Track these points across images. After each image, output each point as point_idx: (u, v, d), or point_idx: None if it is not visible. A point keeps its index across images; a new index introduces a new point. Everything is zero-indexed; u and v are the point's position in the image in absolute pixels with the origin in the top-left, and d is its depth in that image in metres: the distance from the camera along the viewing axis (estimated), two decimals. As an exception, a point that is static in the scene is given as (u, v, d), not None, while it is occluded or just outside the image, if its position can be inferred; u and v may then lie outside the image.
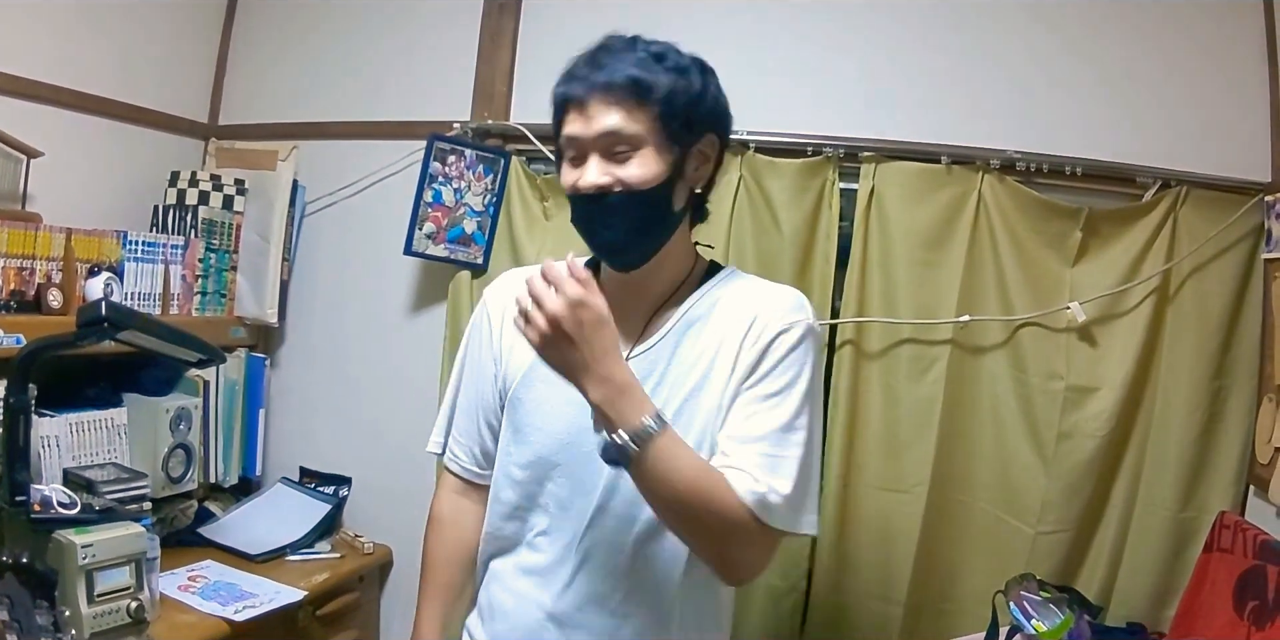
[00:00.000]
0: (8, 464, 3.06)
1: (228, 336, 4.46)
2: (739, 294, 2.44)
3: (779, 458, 2.18)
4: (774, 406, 2.22)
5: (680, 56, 2.40)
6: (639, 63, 2.31)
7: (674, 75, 2.30)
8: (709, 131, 2.37)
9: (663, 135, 2.27)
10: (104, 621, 2.93)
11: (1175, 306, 3.96)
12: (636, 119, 2.25)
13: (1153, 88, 4.04)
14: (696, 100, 2.32)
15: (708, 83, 2.38)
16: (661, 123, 2.26)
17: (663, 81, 2.27)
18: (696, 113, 2.32)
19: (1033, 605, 3.54)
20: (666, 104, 2.26)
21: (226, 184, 4.50)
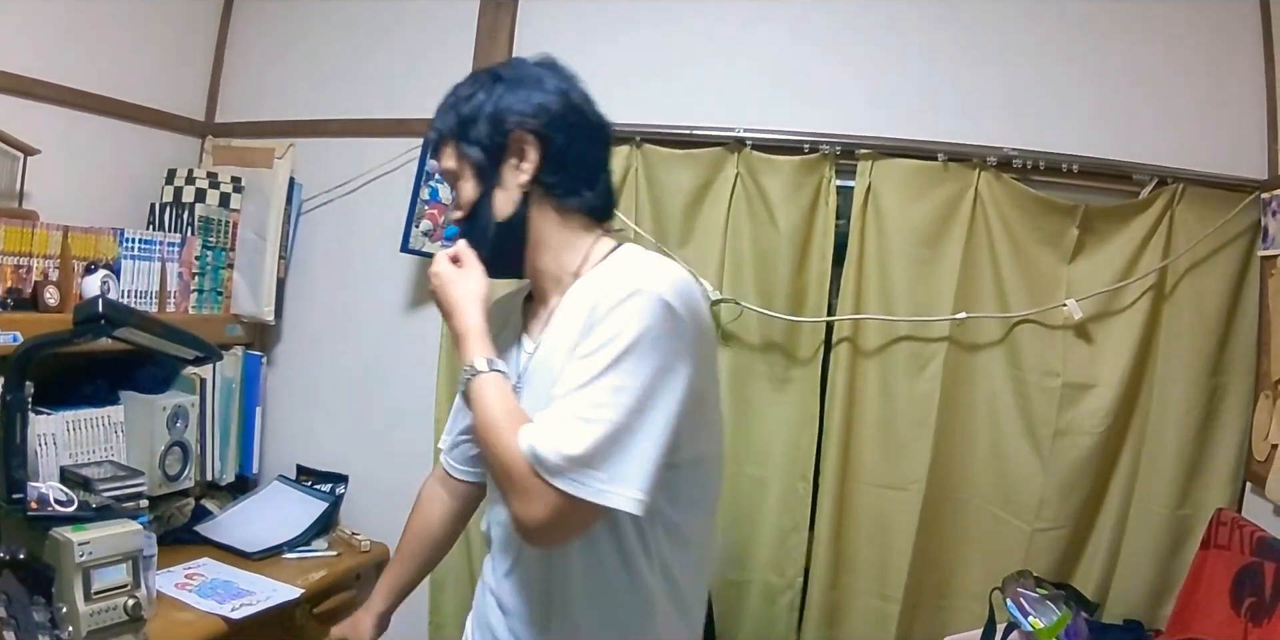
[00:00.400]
0: (4, 461, 3.05)
1: (224, 334, 4.46)
2: (605, 278, 2.36)
3: (577, 416, 2.13)
4: (584, 366, 2.17)
5: (473, 82, 2.54)
6: (440, 112, 2.54)
7: (458, 107, 2.49)
8: (512, 131, 2.43)
9: (467, 160, 2.46)
10: (101, 619, 2.92)
11: (1172, 304, 3.97)
12: (449, 157, 2.50)
13: (1149, 85, 4.05)
14: (474, 117, 2.45)
15: (490, 92, 2.48)
16: (460, 152, 2.47)
17: (449, 120, 2.49)
18: (482, 127, 2.44)
19: (1030, 602, 3.55)
20: (457, 137, 2.47)
21: (223, 182, 4.50)
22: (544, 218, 2.48)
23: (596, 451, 2.10)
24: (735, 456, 4.17)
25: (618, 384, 2.13)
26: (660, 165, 4.20)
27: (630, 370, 2.13)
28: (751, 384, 4.24)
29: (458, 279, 2.45)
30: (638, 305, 2.15)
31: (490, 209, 2.46)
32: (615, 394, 2.12)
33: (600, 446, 2.10)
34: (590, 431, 2.10)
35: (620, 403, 2.12)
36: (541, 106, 2.43)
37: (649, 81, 4.25)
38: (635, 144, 4.18)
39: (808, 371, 4.20)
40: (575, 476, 2.09)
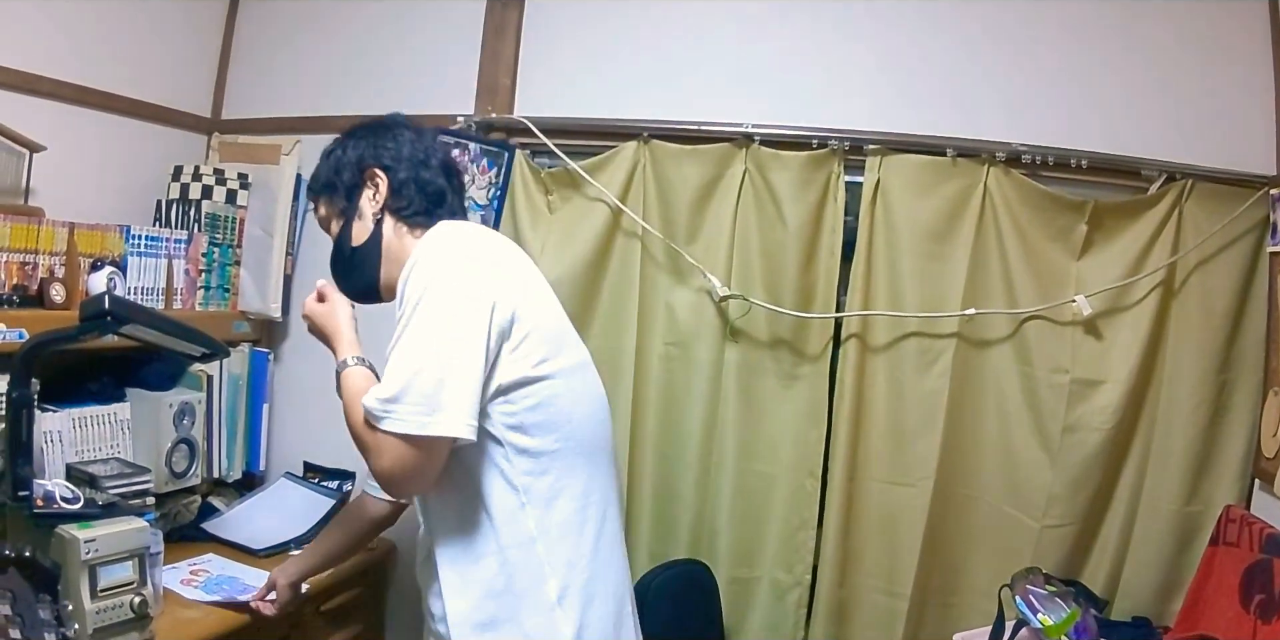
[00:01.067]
0: (10, 459, 3.05)
1: (231, 331, 4.45)
2: None
3: (390, 371, 2.47)
4: (395, 335, 2.52)
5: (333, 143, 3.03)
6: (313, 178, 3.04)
7: (323, 166, 2.99)
8: (364, 170, 2.88)
9: (333, 204, 2.94)
10: (107, 616, 2.92)
11: (1180, 300, 3.96)
12: (321, 207, 3.00)
13: (1159, 81, 4.04)
14: (336, 168, 2.93)
15: (344, 145, 2.97)
16: (328, 199, 2.95)
17: (319, 178, 2.99)
18: (340, 175, 2.92)
19: (1039, 599, 3.54)
20: (323, 189, 2.97)
21: (230, 178, 4.49)
22: (395, 236, 2.86)
23: (407, 389, 2.42)
24: (743, 452, 4.21)
25: (415, 335, 2.48)
26: (668, 161, 4.18)
27: (422, 320, 2.48)
28: (759, 380, 4.22)
29: (325, 311, 2.90)
30: (417, 271, 2.53)
31: (349, 237, 2.90)
32: (415, 343, 2.47)
33: (410, 385, 2.43)
34: (399, 376, 2.44)
35: (420, 348, 2.47)
36: (385, 147, 2.90)
37: (657, 77, 4.25)
38: (643, 140, 4.17)
39: (816, 368, 4.18)
40: (396, 415, 2.42)
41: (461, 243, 2.67)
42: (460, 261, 2.57)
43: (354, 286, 2.95)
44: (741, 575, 4.25)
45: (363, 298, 2.98)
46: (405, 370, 2.44)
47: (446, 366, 2.45)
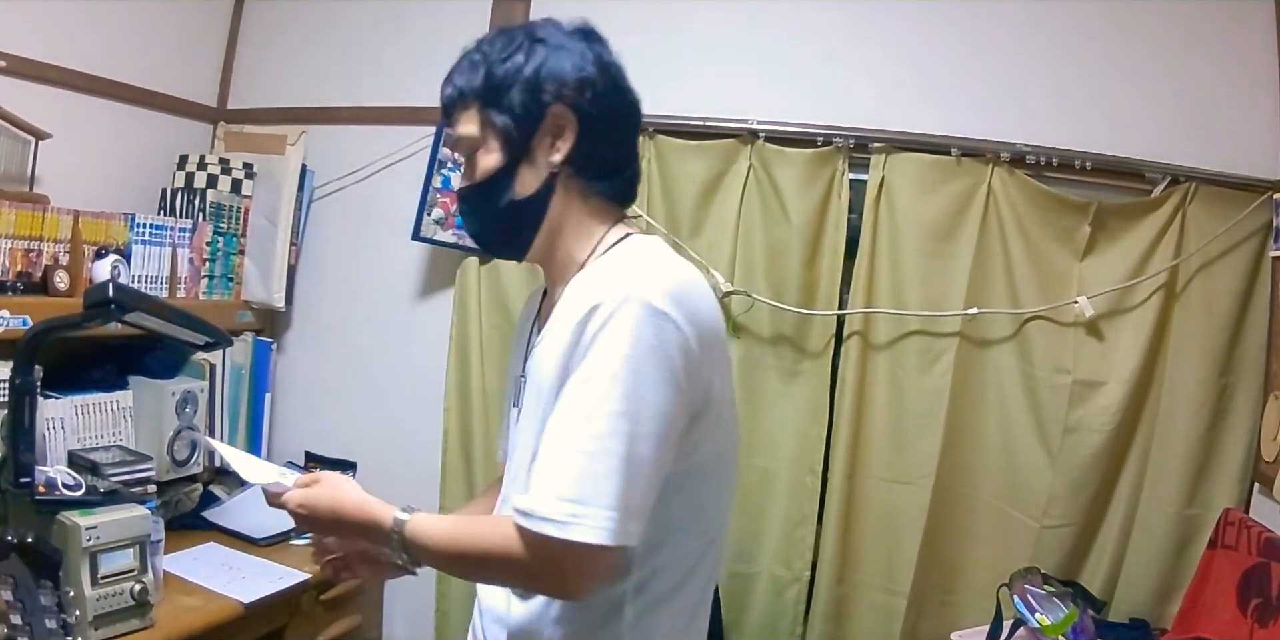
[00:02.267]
0: (12, 445, 3.05)
1: (235, 320, 4.45)
2: (594, 274, 2.16)
3: (565, 453, 1.94)
4: (575, 395, 1.97)
5: (506, 41, 2.29)
6: (461, 71, 2.29)
7: (490, 67, 2.23)
8: (551, 104, 2.20)
9: (493, 129, 2.22)
10: (107, 603, 2.93)
11: (1182, 303, 3.96)
12: (468, 122, 2.25)
13: (1164, 84, 4.04)
14: (508, 82, 2.21)
15: (530, 56, 2.24)
16: (486, 119, 2.22)
17: (475, 79, 2.24)
18: (516, 94, 2.21)
19: (1037, 599, 3.55)
20: (484, 100, 2.22)
21: (235, 168, 4.50)
22: (566, 202, 2.26)
23: (583, 486, 1.90)
24: (745, 448, 4.12)
25: (604, 410, 1.93)
26: (673, 156, 4.21)
27: (626, 395, 1.93)
28: (761, 376, 4.24)
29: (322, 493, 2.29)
30: (627, 317, 1.95)
31: (511, 185, 2.24)
32: (599, 422, 1.92)
33: (586, 481, 1.90)
34: (570, 466, 1.92)
35: (600, 430, 1.92)
36: (585, 80, 2.22)
37: (663, 72, 4.22)
38: (648, 135, 4.19)
39: (818, 364, 4.19)
40: (588, 521, 1.88)
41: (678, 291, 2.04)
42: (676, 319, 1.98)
43: (493, 237, 2.39)
44: (741, 570, 4.26)
45: (495, 249, 2.54)
46: (585, 454, 1.91)
47: (625, 452, 1.92)
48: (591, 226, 2.29)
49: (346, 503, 2.23)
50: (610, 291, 1.98)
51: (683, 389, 1.99)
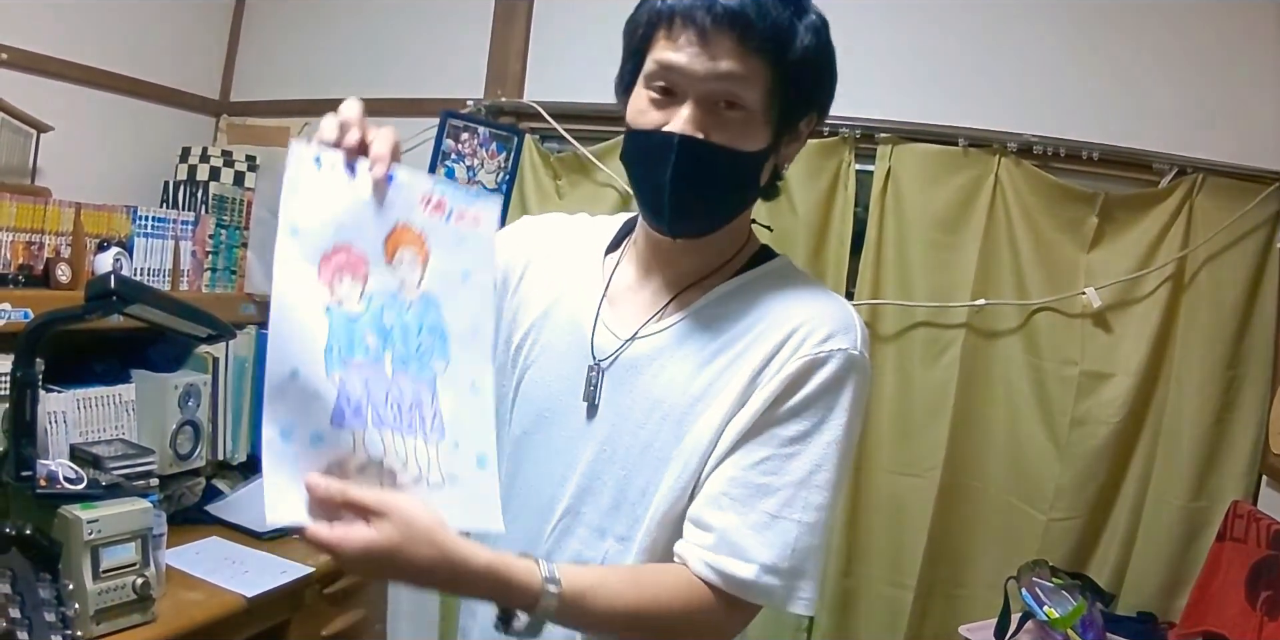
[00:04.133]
0: (14, 439, 3.04)
1: (238, 313, 4.42)
2: (783, 296, 1.98)
3: (779, 520, 1.81)
4: (791, 455, 1.83)
5: (815, 10, 1.97)
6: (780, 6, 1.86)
7: (813, 35, 1.90)
8: (816, 108, 1.99)
9: (777, 104, 1.88)
10: (109, 598, 2.91)
11: (1190, 294, 3.95)
12: (751, 72, 1.83)
13: (1171, 74, 4.02)
14: (822, 72, 1.95)
15: (833, 52, 1.97)
16: (780, 90, 1.86)
17: (801, 42, 1.87)
18: (817, 87, 1.96)
19: (1045, 592, 3.53)
20: (797, 69, 1.87)
21: (238, 160, 4.48)
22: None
23: (796, 557, 1.81)
24: None
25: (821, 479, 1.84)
26: (677, 147, 4.13)
27: (838, 464, 1.86)
28: (766, 369, 4.17)
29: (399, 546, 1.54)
30: (854, 379, 1.87)
31: (761, 170, 1.97)
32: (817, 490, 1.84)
33: (800, 551, 1.82)
34: (786, 534, 1.81)
35: (818, 500, 1.84)
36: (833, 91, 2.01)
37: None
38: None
39: (824, 356, 4.13)
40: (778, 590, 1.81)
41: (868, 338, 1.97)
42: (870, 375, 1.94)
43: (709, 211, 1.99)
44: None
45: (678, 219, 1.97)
46: (802, 524, 1.83)
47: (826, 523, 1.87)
48: (744, 227, 2.12)
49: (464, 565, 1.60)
50: (830, 343, 1.87)
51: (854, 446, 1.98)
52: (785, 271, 2.09)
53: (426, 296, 1.72)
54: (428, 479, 1.64)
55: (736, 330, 1.94)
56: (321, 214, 1.62)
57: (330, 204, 1.64)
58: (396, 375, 1.65)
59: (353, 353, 1.60)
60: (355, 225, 1.65)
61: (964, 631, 3.75)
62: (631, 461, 1.96)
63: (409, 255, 1.70)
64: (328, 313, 1.59)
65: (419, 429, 1.66)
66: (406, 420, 1.65)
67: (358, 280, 1.63)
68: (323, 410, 1.55)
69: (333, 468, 1.56)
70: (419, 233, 1.72)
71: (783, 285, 2.02)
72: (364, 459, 1.59)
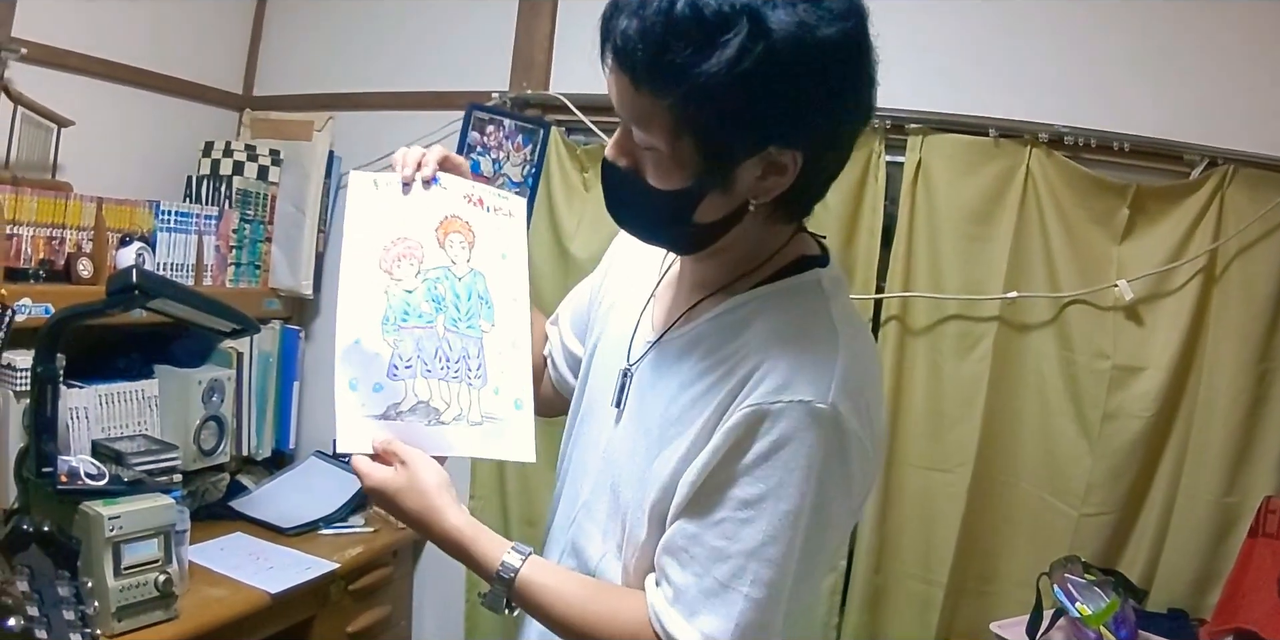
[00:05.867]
0: (35, 434, 3.04)
1: (262, 308, 4.44)
2: (775, 323, 1.84)
3: (728, 590, 1.73)
4: (745, 521, 1.73)
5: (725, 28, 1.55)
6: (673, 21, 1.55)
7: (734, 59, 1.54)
8: (765, 144, 1.66)
9: (681, 143, 1.67)
10: (131, 594, 2.92)
11: (1222, 287, 3.89)
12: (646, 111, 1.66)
13: (1202, 64, 3.97)
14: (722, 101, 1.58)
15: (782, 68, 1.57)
16: (675, 128, 1.65)
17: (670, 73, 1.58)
18: (729, 125, 1.63)
19: (1077, 588, 3.50)
20: (680, 108, 1.62)
21: (261, 154, 4.48)
22: (751, 224, 1.83)
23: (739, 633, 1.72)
24: None
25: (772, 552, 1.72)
26: (703, 138, 4.10)
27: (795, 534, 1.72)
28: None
29: (401, 488, 1.89)
30: (810, 440, 1.69)
31: (693, 210, 1.78)
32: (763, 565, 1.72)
33: (743, 629, 1.72)
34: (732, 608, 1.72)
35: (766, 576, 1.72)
36: (822, 123, 1.69)
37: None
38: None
39: (855, 350, 4.11)
40: None
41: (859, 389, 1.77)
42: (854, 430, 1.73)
43: (650, 239, 2.00)
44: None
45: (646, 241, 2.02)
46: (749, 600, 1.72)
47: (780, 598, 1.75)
48: (769, 242, 1.92)
49: (438, 515, 1.89)
50: (785, 392, 1.71)
51: (859, 502, 1.88)
52: (801, 289, 1.90)
53: (475, 271, 2.13)
54: (468, 418, 2.04)
55: (725, 352, 1.85)
56: (380, 219, 2.06)
57: (387, 211, 2.08)
58: (448, 334, 2.05)
59: (406, 319, 2.01)
60: (410, 221, 2.08)
61: (995, 628, 3.72)
62: (622, 474, 1.98)
63: (458, 239, 2.12)
64: (386, 292, 2.01)
65: (464, 376, 2.05)
66: (454, 370, 2.04)
67: (414, 262, 2.05)
68: (380, 367, 1.97)
69: (390, 410, 1.96)
70: (466, 221, 2.15)
71: (785, 308, 1.87)
72: (414, 401, 1.99)
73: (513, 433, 2.10)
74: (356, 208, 2.08)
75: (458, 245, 2.13)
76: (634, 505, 1.92)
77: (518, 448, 2.10)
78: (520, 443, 2.10)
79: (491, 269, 2.17)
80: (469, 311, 2.11)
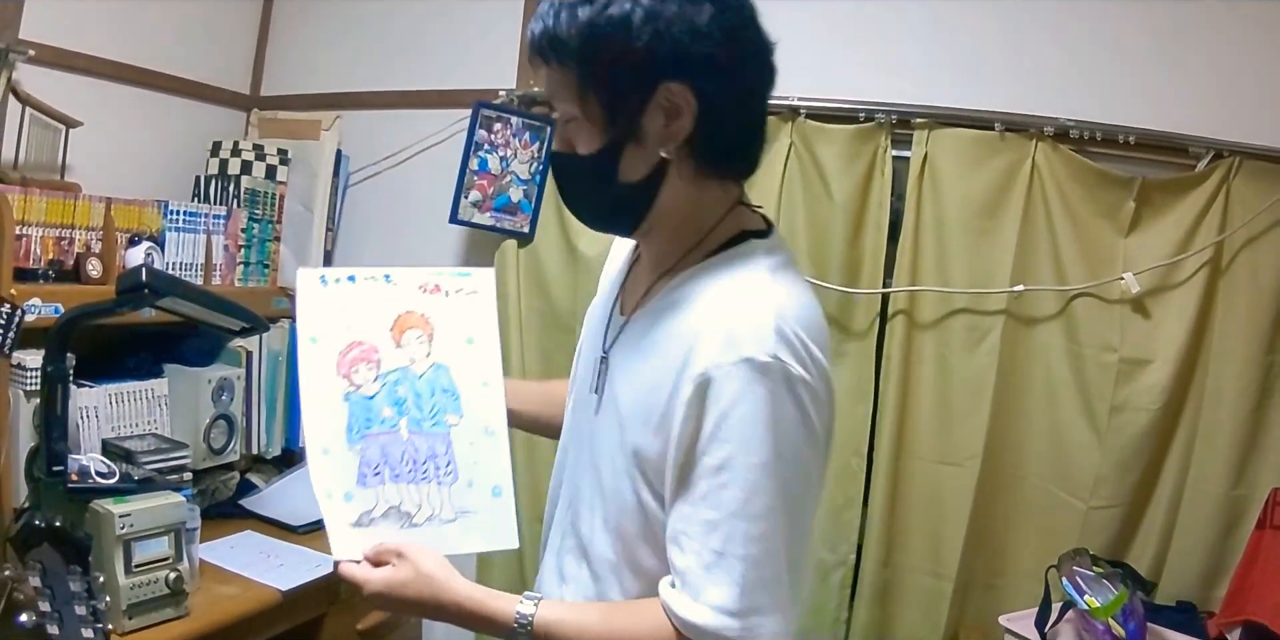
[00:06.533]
0: (45, 434, 3.05)
1: (271, 307, 4.43)
2: (711, 293, 1.93)
3: (724, 557, 1.78)
4: (723, 485, 1.78)
5: None
6: (557, 11, 1.87)
7: (594, 20, 1.84)
8: (663, 80, 1.85)
9: (592, 100, 1.89)
10: (142, 592, 2.92)
11: (1228, 279, 3.91)
12: (561, 86, 1.92)
13: (1207, 57, 3.98)
14: (611, 49, 1.84)
15: (632, 16, 1.82)
16: (581, 85, 1.89)
17: (575, 33, 1.85)
18: (622, 67, 1.86)
19: (1085, 580, 3.51)
20: (580, 64, 1.87)
21: (269, 154, 4.48)
22: (678, 183, 1.96)
23: (745, 593, 1.77)
24: None
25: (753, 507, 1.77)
26: (712, 135, 4.11)
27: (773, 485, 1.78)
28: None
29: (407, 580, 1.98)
30: (755, 392, 1.76)
31: (615, 168, 1.93)
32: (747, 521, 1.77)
33: (746, 586, 1.77)
34: (728, 572, 1.77)
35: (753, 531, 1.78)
36: (707, 56, 1.84)
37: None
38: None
39: (863, 344, 4.17)
40: (732, 626, 1.77)
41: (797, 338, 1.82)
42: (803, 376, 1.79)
43: (591, 217, 2.13)
44: (786, 554, 4.19)
45: (593, 226, 2.19)
46: (742, 559, 1.77)
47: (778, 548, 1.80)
48: (705, 211, 2.03)
49: (449, 594, 1.96)
50: (726, 353, 1.78)
51: (823, 443, 1.91)
52: (737, 257, 1.99)
53: (437, 365, 2.20)
54: (440, 516, 2.13)
55: (674, 328, 1.93)
56: (332, 320, 2.15)
57: (339, 310, 2.17)
58: (412, 436, 2.14)
59: (369, 426, 2.12)
60: (363, 322, 2.18)
61: (1004, 621, 3.73)
62: (602, 456, 2.05)
63: (415, 335, 2.20)
64: (345, 399, 2.11)
65: (433, 476, 2.14)
66: (421, 471, 2.13)
67: (372, 366, 2.14)
68: (349, 476, 2.07)
69: (362, 517, 2.07)
70: (422, 314, 2.22)
71: (721, 276, 1.95)
72: (385, 507, 2.10)
73: (491, 521, 2.18)
74: (306, 307, 2.18)
75: (415, 342, 2.21)
76: (610, 474, 2.01)
77: (497, 536, 2.19)
78: (500, 530, 2.19)
79: (456, 358, 2.24)
80: (433, 408, 2.19)
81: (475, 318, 2.28)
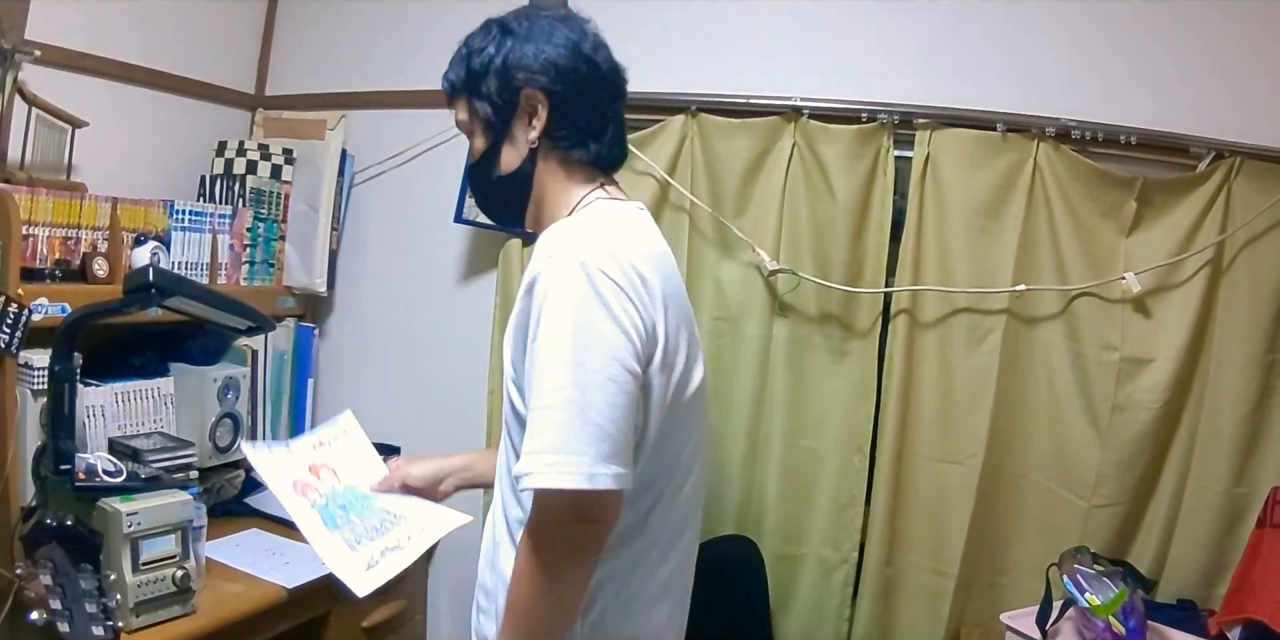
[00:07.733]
0: (52, 433, 3.07)
1: (276, 306, 4.46)
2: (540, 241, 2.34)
3: (533, 412, 2.13)
4: (533, 357, 2.15)
5: (484, 34, 2.63)
6: (452, 64, 2.67)
7: (469, 60, 2.60)
8: (521, 89, 2.50)
9: (477, 115, 2.58)
10: (149, 590, 2.94)
11: (1229, 278, 3.91)
12: (461, 109, 2.64)
13: (1208, 57, 3.98)
14: (483, 72, 2.54)
15: (500, 47, 2.55)
16: (471, 106, 2.59)
17: (460, 72, 2.62)
18: (491, 82, 2.53)
19: (1086, 578, 3.52)
20: (468, 91, 2.59)
21: (275, 153, 4.49)
22: (548, 171, 2.55)
23: (558, 438, 2.07)
24: (792, 429, 4.22)
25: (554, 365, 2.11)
26: (716, 135, 4.17)
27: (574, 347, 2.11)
28: (808, 356, 4.22)
29: None
30: (562, 275, 2.15)
31: (496, 162, 2.58)
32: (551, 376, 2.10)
33: (560, 433, 2.07)
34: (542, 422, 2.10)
35: (556, 383, 2.10)
36: (550, 62, 2.48)
37: (704, 50, 4.23)
38: (691, 113, 4.16)
39: (865, 343, 4.17)
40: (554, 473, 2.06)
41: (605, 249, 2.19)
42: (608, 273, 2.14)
43: (496, 210, 2.82)
44: (788, 552, 4.26)
45: (501, 220, 3.02)
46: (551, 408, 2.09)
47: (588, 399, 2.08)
48: (570, 192, 2.55)
49: None
50: (541, 250, 2.23)
51: (629, 334, 2.16)
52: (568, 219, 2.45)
53: (348, 486, 2.99)
54: (410, 537, 2.89)
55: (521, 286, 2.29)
56: (278, 469, 2.89)
57: (277, 464, 2.91)
58: (362, 520, 2.87)
59: (336, 523, 2.81)
60: (292, 470, 2.92)
61: (1005, 619, 3.74)
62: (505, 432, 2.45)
63: (326, 472, 2.97)
64: (314, 507, 2.83)
65: (390, 524, 2.90)
66: (382, 528, 2.88)
67: (314, 489, 2.88)
68: (343, 545, 2.76)
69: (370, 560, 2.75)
70: (323, 462, 3.01)
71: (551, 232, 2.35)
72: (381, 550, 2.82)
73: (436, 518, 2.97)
74: (260, 466, 2.88)
75: (328, 477, 2.97)
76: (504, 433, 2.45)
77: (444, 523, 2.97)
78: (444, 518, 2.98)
79: (357, 476, 3.04)
80: (361, 502, 2.95)
81: (355, 446, 3.19)
